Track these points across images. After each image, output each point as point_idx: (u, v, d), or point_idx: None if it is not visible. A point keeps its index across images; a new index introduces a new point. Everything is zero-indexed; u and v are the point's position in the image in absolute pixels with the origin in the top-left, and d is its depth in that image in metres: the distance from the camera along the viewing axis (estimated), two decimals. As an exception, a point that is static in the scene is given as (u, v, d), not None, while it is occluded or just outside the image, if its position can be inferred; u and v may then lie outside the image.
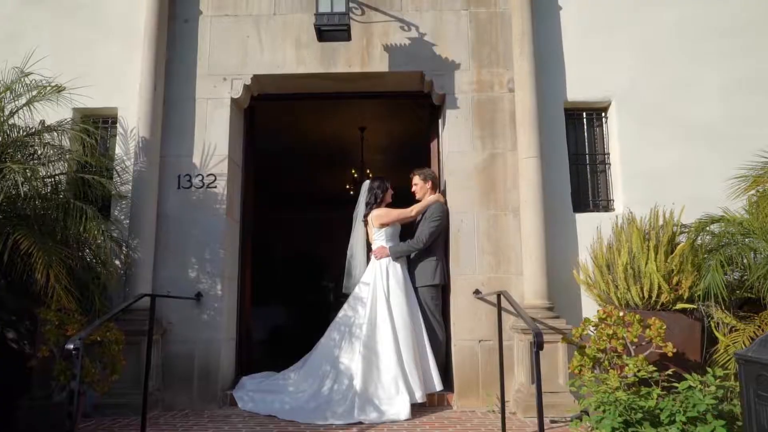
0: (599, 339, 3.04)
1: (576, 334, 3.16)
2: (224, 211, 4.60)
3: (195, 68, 4.78)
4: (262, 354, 8.13)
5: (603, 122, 4.88)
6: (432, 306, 4.47)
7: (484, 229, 4.52)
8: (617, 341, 3.01)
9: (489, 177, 4.60)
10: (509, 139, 4.63)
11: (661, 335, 2.93)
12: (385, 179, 4.84)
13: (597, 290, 3.91)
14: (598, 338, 3.05)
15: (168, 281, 4.50)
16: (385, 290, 4.41)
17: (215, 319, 4.48)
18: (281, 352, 8.00)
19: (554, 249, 4.43)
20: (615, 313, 3.14)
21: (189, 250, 4.55)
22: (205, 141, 4.69)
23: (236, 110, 4.91)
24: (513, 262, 4.47)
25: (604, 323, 3.17)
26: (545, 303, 4.21)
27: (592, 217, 4.56)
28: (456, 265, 4.50)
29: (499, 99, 4.70)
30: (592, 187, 4.84)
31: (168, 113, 4.69)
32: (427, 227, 4.46)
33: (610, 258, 3.86)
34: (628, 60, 4.75)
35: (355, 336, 4.39)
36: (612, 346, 3.04)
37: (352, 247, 4.84)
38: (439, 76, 4.74)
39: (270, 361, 7.06)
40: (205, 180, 4.64)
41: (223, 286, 4.52)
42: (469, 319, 4.42)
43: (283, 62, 4.79)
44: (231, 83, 4.76)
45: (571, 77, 4.76)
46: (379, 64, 4.76)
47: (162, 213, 4.57)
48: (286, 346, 8.39)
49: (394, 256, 4.50)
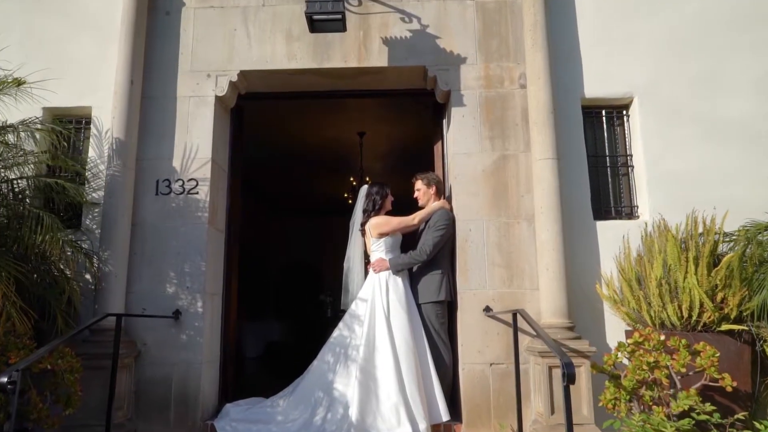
0: (638, 368, 2.57)
1: (609, 362, 2.69)
2: (206, 220, 4.16)
3: (176, 64, 4.38)
4: (256, 372, 7.71)
5: (624, 120, 4.44)
6: (437, 325, 3.99)
7: (495, 238, 4.07)
8: (660, 372, 2.53)
9: (499, 181, 4.15)
10: (521, 139, 4.20)
11: (715, 365, 2.45)
12: (384, 184, 4.39)
13: (626, 308, 3.44)
14: (637, 368, 2.57)
15: (143, 297, 4.05)
16: (385, 307, 3.95)
17: (195, 339, 4.02)
18: (276, 369, 7.58)
19: (573, 261, 3.97)
20: (655, 336, 2.67)
21: (167, 263, 4.11)
22: (186, 143, 4.27)
23: (221, 109, 4.49)
24: (527, 275, 4.01)
25: (642, 348, 2.70)
26: (565, 322, 3.74)
27: (616, 225, 4.10)
28: (464, 279, 4.04)
29: (509, 95, 4.28)
30: (614, 191, 4.38)
31: (146, 113, 4.28)
32: (431, 237, 4.01)
33: (641, 271, 3.40)
34: (651, 52, 4.32)
35: (351, 359, 3.93)
36: (655, 377, 2.56)
37: (349, 259, 4.39)
38: (443, 71, 4.32)
39: (263, 380, 6.63)
40: (185, 185, 4.20)
41: (204, 302, 4.07)
42: (479, 340, 3.95)
43: (272, 57, 4.38)
44: (215, 80, 4.35)
45: (589, 72, 4.33)
46: (377, 59, 4.35)
47: (138, 221, 4.14)
48: (282, 363, 7.94)
49: (394, 269, 4.04)
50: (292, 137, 7.65)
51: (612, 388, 2.56)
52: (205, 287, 4.08)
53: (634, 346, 2.71)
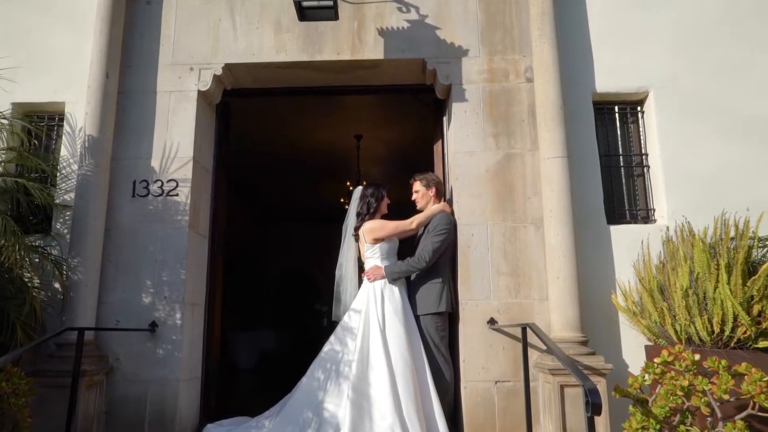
0: (670, 394, 2.22)
1: (634, 385, 2.35)
2: (187, 224, 3.84)
3: (157, 57, 4.08)
4: (248, 384, 7.39)
5: (639, 117, 4.12)
6: (437, 339, 3.64)
7: (500, 244, 3.74)
8: (699, 398, 2.18)
9: (505, 182, 3.83)
10: (528, 136, 3.88)
11: (765, 391, 2.10)
12: (380, 186, 4.06)
13: (646, 321, 3.10)
14: (670, 393, 2.22)
15: (117, 308, 3.73)
16: (380, 319, 3.61)
17: (173, 354, 3.68)
18: (270, 381, 7.24)
19: (586, 269, 3.64)
20: (688, 356, 2.32)
21: (144, 271, 3.78)
22: (166, 141, 3.96)
23: (205, 105, 4.18)
24: (535, 284, 3.68)
25: (672, 369, 2.35)
26: (578, 336, 3.40)
27: (631, 230, 3.78)
28: (466, 288, 3.70)
29: (515, 90, 3.96)
30: (628, 194, 4.05)
31: (123, 108, 3.98)
32: (431, 242, 3.67)
33: (663, 280, 3.06)
34: (668, 43, 4.01)
35: (343, 376, 3.58)
36: (692, 405, 2.21)
37: (341, 266, 4.05)
38: (443, 63, 4.01)
39: (256, 393, 6.29)
40: (164, 186, 3.89)
41: (183, 313, 3.73)
42: (483, 355, 3.61)
43: (259, 49, 4.08)
44: (198, 73, 4.05)
45: (600, 65, 4.03)
46: (372, 51, 4.05)
47: (112, 226, 3.82)
48: (277, 375, 7.58)
49: (390, 278, 3.70)
50: (287, 140, 7.35)
51: (638, 415, 2.22)
52: (184, 297, 3.75)
53: (663, 367, 2.37)
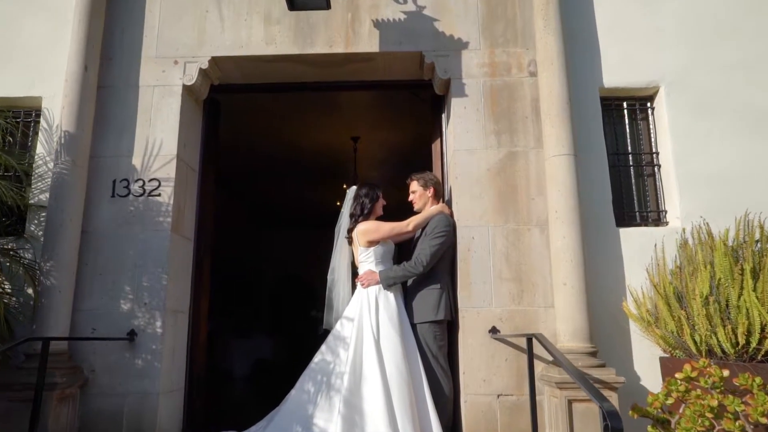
0: (697, 415, 1.97)
1: (655, 404, 2.11)
2: (169, 226, 3.61)
3: (140, 49, 3.87)
4: (242, 393, 7.16)
5: (648, 113, 3.90)
6: (435, 349, 3.39)
7: (502, 247, 3.51)
8: (731, 421, 1.94)
9: (507, 181, 3.60)
10: (532, 133, 3.66)
11: (807, 413, 1.87)
12: (375, 186, 3.82)
13: (661, 330, 2.85)
14: (696, 414, 1.98)
15: (93, 316, 3.49)
16: (374, 328, 3.37)
17: (153, 365, 3.44)
18: (264, 389, 6.99)
19: (594, 274, 3.40)
20: (715, 372, 2.09)
21: (123, 276, 3.55)
22: (149, 137, 3.74)
23: (191, 101, 3.96)
24: (540, 290, 3.44)
25: (697, 386, 2.11)
26: (586, 346, 3.16)
27: (643, 233, 3.55)
28: (466, 294, 3.47)
29: (517, 84, 3.75)
30: (638, 194, 3.83)
31: (104, 103, 3.76)
32: (429, 246, 3.44)
33: (680, 287, 2.82)
34: (679, 35, 3.80)
35: (335, 389, 3.33)
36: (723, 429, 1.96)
37: (333, 270, 3.81)
38: (442, 57, 3.80)
39: (249, 401, 6.06)
40: (146, 186, 3.66)
41: (164, 321, 3.50)
42: (484, 367, 3.37)
43: (248, 41, 3.86)
44: (184, 67, 3.83)
45: (608, 58, 3.81)
46: (367, 44, 3.83)
47: (90, 228, 3.59)
48: (271, 382, 7.35)
49: (385, 284, 3.46)
50: (282, 141, 7.12)
51: (660, 438, 1.99)
52: (165, 304, 3.52)
53: (686, 384, 2.13)
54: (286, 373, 4.58)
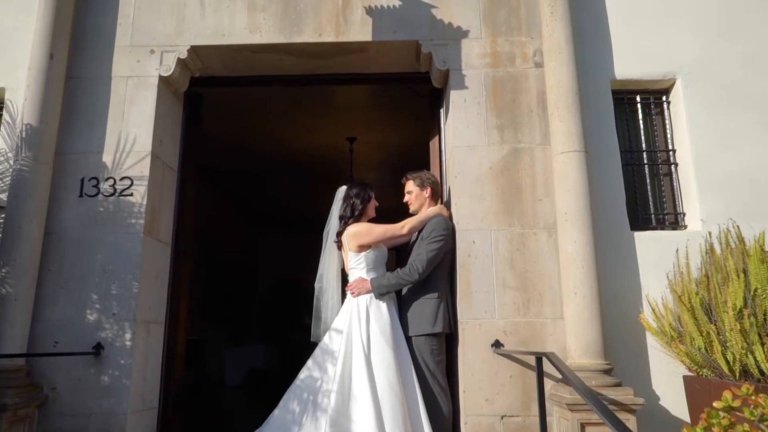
0: (746, 455, 1.68)
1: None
2: (141, 228, 3.30)
3: (113, 38, 3.58)
4: (234, 403, 6.88)
5: (664, 108, 3.61)
6: (432, 364, 3.07)
7: (506, 253, 3.20)
8: (790, 464, 1.64)
9: (511, 180, 3.30)
10: (538, 129, 3.36)
11: None
12: (368, 186, 3.51)
13: (686, 346, 2.54)
14: (745, 454, 1.68)
15: (56, 327, 3.18)
16: (364, 341, 3.05)
17: (120, 381, 3.12)
18: (257, 399, 6.70)
19: (606, 282, 3.09)
20: (766, 403, 1.78)
21: (89, 283, 3.24)
22: (121, 132, 3.44)
23: (168, 94, 3.67)
24: (548, 300, 3.13)
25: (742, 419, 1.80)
26: (600, 363, 2.84)
27: (660, 238, 3.25)
28: (466, 304, 3.16)
29: (522, 76, 3.45)
30: (654, 195, 3.52)
31: (72, 96, 3.47)
32: (425, 251, 3.12)
33: (708, 298, 2.51)
34: (699, 22, 3.51)
35: (321, 408, 3.01)
36: (780, 473, 1.67)
37: (321, 278, 3.49)
38: (440, 46, 3.51)
39: (240, 412, 5.79)
40: (117, 185, 3.36)
41: (135, 333, 3.18)
42: (487, 385, 3.05)
43: (230, 29, 3.57)
44: (160, 57, 3.54)
45: (620, 48, 3.52)
46: (359, 32, 3.54)
47: (55, 230, 3.29)
48: (264, 392, 7.05)
49: (377, 292, 3.15)
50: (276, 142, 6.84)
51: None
52: (136, 314, 3.20)
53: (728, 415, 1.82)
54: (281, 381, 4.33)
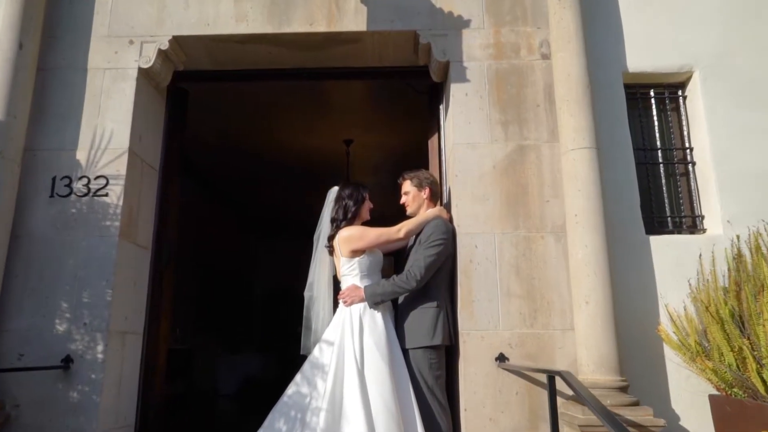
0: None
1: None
2: (117, 231, 3.05)
3: (89, 27, 3.35)
4: (226, 412, 6.69)
5: (680, 103, 3.37)
6: (431, 380, 2.81)
7: (511, 258, 2.95)
8: None
9: (516, 180, 3.06)
10: (545, 124, 3.12)
11: None
12: (362, 186, 3.25)
13: (714, 363, 2.29)
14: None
15: (21, 338, 2.93)
16: (357, 355, 2.79)
17: (90, 398, 2.86)
18: (250, 408, 6.50)
19: (620, 290, 2.85)
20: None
21: (59, 290, 2.99)
22: (97, 128, 3.20)
23: (149, 88, 3.43)
24: (557, 309, 2.87)
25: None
26: (615, 379, 2.59)
27: (677, 242, 3.00)
28: (468, 314, 2.90)
29: (527, 68, 3.22)
30: (669, 196, 3.28)
31: (44, 88, 3.23)
32: (423, 256, 2.87)
33: (737, 308, 2.26)
34: (719, 10, 3.28)
35: (310, 428, 2.76)
36: None
37: (311, 286, 3.24)
38: (439, 37, 3.28)
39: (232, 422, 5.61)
40: (91, 184, 3.12)
41: (108, 345, 2.93)
42: (491, 402, 2.79)
43: (215, 19, 3.35)
44: (140, 47, 3.31)
45: (632, 39, 3.29)
46: (353, 22, 3.31)
47: (23, 233, 3.04)
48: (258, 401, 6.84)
49: (371, 301, 2.89)
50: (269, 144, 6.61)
51: None
52: (109, 324, 2.95)
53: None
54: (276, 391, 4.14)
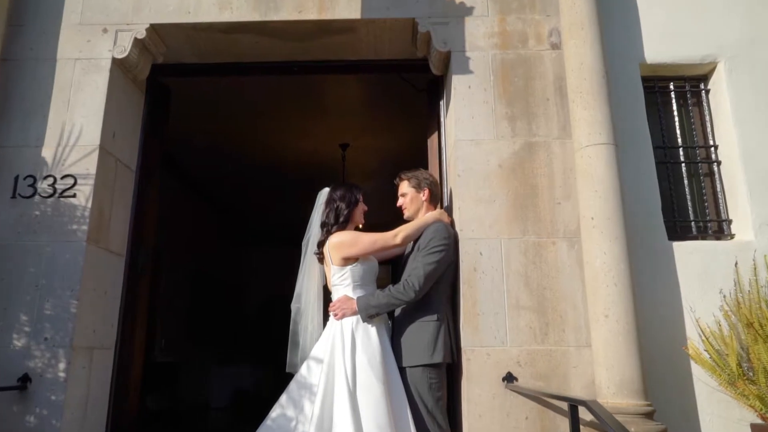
0: None
1: None
2: (85, 235, 2.77)
3: (60, 14, 3.09)
4: (217, 425, 6.40)
5: (703, 97, 3.10)
6: (430, 402, 2.50)
7: (519, 266, 2.66)
8: None
9: (524, 180, 2.78)
10: (555, 119, 2.85)
11: None
12: (355, 187, 2.96)
13: (759, 387, 1.99)
14: None
15: (-26, 355, 2.62)
16: (349, 374, 2.49)
17: (50, 422, 2.56)
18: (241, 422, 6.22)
19: (641, 303, 2.55)
20: None
21: (18, 301, 2.70)
22: (65, 124, 2.93)
23: (125, 81, 3.17)
24: (571, 324, 2.58)
25: None
26: (641, 404, 2.29)
27: (704, 249, 2.72)
28: (472, 329, 2.61)
29: (536, 59, 2.95)
30: (693, 199, 2.99)
31: (8, 80, 2.98)
32: (422, 264, 2.57)
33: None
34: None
35: (295, 456, 2.46)
36: None
37: (298, 297, 2.94)
38: (440, 25, 3.01)
39: None
40: (57, 184, 2.84)
41: (71, 363, 2.63)
42: (497, 427, 2.49)
43: (197, 5, 3.08)
44: (114, 36, 3.04)
45: (650, 27, 3.04)
46: (346, 9, 3.05)
47: (-21, 237, 2.75)
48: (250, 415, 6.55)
49: (365, 314, 2.59)
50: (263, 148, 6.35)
51: None
52: (73, 339, 2.65)
53: None
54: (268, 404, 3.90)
